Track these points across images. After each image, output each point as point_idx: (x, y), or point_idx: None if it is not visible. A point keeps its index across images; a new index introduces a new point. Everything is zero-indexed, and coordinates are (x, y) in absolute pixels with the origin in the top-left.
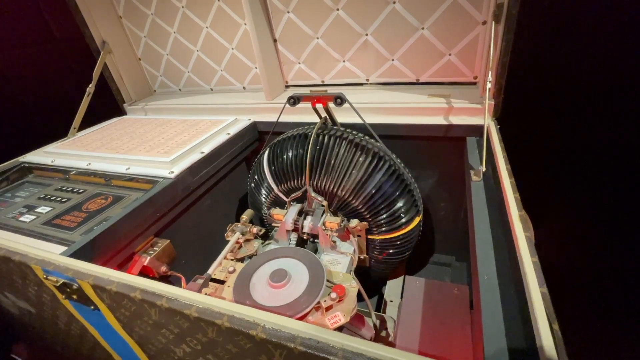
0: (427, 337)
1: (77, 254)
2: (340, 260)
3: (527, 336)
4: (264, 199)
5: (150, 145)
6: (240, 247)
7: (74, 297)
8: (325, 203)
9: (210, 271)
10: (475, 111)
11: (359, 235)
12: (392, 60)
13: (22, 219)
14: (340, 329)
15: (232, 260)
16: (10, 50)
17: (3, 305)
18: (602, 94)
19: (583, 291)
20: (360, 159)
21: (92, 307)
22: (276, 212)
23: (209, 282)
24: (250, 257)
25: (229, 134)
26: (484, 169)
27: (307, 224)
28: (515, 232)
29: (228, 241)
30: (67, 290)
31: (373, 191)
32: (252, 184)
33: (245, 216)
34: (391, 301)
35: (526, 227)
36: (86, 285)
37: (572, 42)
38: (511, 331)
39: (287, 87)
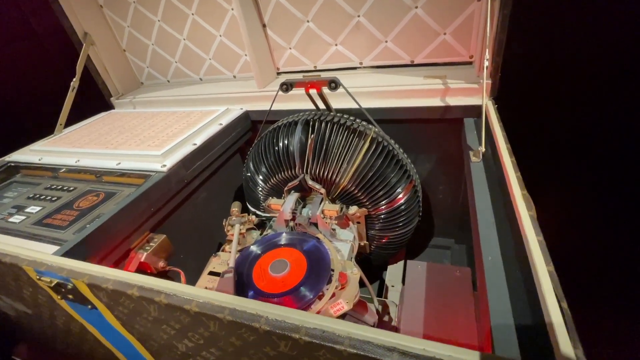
0: (431, 319)
1: (70, 253)
2: (340, 247)
3: (535, 315)
4: (260, 190)
5: (141, 139)
6: (243, 237)
7: (70, 297)
8: (323, 191)
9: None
10: (472, 91)
11: (358, 222)
12: (386, 42)
13: (11, 219)
14: (343, 316)
15: (230, 252)
16: None
17: (0, 308)
18: (603, 72)
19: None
20: (358, 144)
21: (90, 307)
22: (274, 202)
23: (207, 276)
24: None
25: (221, 124)
26: (484, 150)
27: (306, 212)
28: (519, 211)
29: (225, 233)
30: (62, 290)
31: (373, 177)
32: (248, 174)
33: (235, 208)
34: (392, 286)
35: (529, 206)
36: (81, 285)
37: (571, 17)
38: (518, 311)
39: (278, 74)
